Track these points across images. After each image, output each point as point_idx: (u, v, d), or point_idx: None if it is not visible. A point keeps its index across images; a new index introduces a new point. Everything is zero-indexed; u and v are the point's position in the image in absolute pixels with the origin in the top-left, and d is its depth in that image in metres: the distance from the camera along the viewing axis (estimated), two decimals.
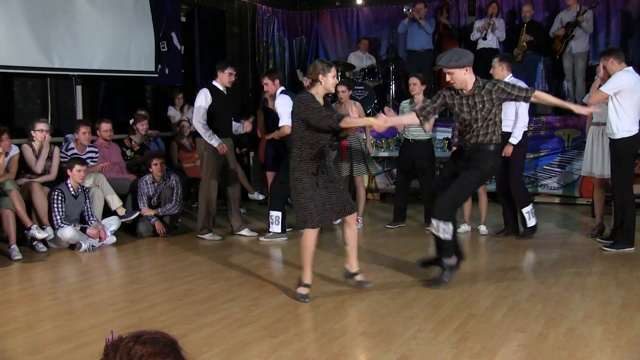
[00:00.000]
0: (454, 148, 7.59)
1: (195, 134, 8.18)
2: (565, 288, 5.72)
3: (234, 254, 7.29)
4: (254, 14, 12.79)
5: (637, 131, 6.86)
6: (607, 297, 5.46)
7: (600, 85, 6.97)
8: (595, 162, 7.57)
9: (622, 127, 6.79)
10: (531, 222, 7.70)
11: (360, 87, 11.46)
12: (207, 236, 7.92)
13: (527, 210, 7.69)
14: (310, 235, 5.39)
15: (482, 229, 8.12)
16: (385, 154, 10.74)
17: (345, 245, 5.75)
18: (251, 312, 5.15)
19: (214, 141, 7.66)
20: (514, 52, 10.95)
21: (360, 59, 12.42)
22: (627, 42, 11.59)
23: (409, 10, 11.52)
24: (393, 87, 11.84)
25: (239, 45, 12.61)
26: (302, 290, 5.43)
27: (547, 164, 9.99)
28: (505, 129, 7.12)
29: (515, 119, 7.45)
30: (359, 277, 5.73)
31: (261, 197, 9.61)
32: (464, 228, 8.10)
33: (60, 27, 8.46)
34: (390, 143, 10.76)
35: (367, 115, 10.00)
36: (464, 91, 5.52)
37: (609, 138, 6.99)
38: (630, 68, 6.93)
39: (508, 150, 7.44)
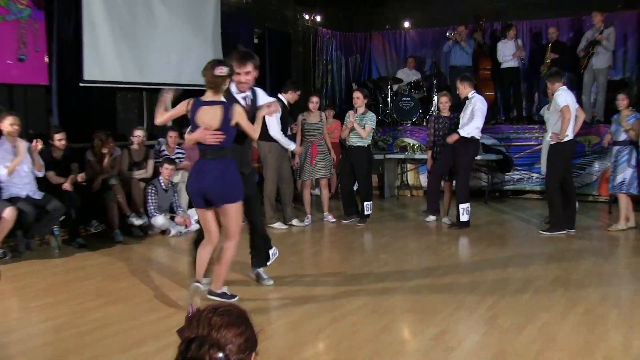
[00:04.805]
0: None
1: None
2: (585, 275, 5.62)
3: (299, 242, 7.35)
4: (316, 35, 12.83)
5: (572, 137, 7.22)
6: (622, 283, 5.37)
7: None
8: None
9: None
10: (464, 217, 7.75)
11: (407, 99, 11.42)
12: (276, 225, 7.97)
13: (464, 207, 7.74)
14: None
15: (445, 220, 8.25)
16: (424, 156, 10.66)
17: None
18: (312, 291, 5.20)
19: (292, 145, 7.74)
20: (540, 68, 10.78)
21: (407, 75, 12.38)
22: None
23: (451, 34, 11.44)
24: (435, 98, 11.75)
25: (302, 62, 12.68)
26: None
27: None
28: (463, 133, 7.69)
29: (470, 119, 7.67)
30: None
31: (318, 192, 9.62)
32: (431, 218, 8.37)
33: (153, 49, 8.63)
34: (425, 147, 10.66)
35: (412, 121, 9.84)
36: None
37: (549, 144, 7.39)
38: (565, 87, 7.40)
39: (453, 138, 7.69)
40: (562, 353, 3.76)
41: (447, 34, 11.61)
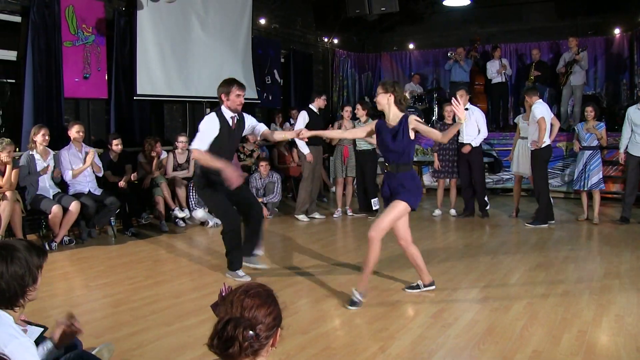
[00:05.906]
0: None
1: (292, 144, 8.25)
2: (563, 260, 5.57)
3: (319, 232, 7.34)
4: (333, 56, 12.81)
5: (549, 143, 7.22)
6: (594, 268, 5.30)
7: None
8: (521, 164, 7.72)
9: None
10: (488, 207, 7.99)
11: (412, 109, 11.35)
12: (300, 217, 7.98)
13: (486, 199, 7.99)
14: None
15: (452, 211, 8.22)
16: (428, 159, 10.58)
17: None
18: (329, 274, 5.19)
19: (306, 149, 7.70)
20: (525, 84, 10.82)
21: (413, 89, 12.32)
22: (611, 77, 11.39)
23: (452, 54, 11.46)
24: (436, 109, 11.70)
25: (322, 79, 12.67)
26: None
27: (551, 167, 9.64)
28: (468, 140, 7.75)
29: (478, 132, 7.74)
30: None
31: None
32: (437, 212, 8.29)
33: (195, 67, 8.68)
34: (429, 150, 10.58)
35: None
36: None
37: (530, 150, 7.35)
38: (541, 100, 7.41)
39: (467, 149, 7.75)
40: (543, 328, 3.73)
41: (449, 54, 11.65)
